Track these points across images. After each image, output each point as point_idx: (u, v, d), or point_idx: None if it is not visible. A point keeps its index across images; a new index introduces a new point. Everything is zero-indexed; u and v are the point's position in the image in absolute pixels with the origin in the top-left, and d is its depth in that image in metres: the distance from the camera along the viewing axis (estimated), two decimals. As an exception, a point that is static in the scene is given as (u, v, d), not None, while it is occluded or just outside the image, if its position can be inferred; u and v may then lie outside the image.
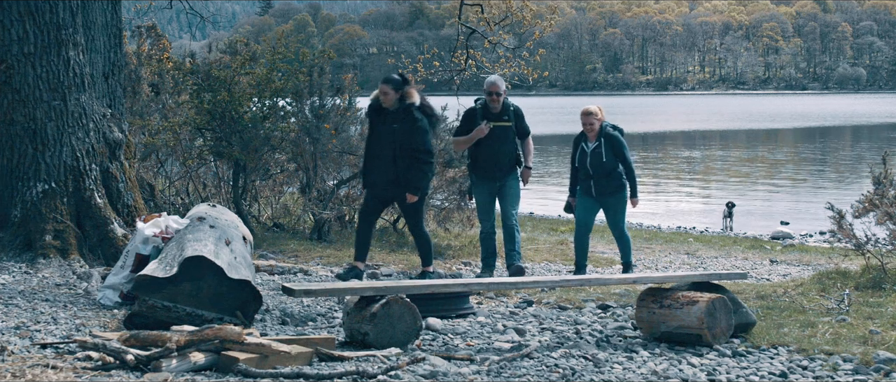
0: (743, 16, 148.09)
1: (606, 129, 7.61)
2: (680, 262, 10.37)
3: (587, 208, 7.78)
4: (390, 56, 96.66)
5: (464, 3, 12.60)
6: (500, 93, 7.75)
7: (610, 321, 5.97)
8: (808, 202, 19.50)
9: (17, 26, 6.69)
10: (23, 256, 6.55)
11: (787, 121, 57.04)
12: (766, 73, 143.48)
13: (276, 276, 7.21)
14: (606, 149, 7.53)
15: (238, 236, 6.00)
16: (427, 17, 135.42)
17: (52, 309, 5.37)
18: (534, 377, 4.42)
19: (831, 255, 10.78)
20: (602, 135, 7.58)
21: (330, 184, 10.10)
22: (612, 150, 7.54)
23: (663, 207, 19.85)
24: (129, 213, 7.11)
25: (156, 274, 4.96)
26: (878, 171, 7.57)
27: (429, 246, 7.26)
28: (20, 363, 4.03)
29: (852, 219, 7.50)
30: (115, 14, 7.40)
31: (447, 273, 8.26)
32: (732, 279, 6.39)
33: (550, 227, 13.32)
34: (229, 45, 10.48)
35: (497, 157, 7.71)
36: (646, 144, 38.13)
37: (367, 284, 5.60)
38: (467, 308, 6.05)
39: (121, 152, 7.23)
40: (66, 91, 6.78)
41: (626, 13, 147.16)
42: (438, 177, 10.33)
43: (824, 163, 30.09)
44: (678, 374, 4.59)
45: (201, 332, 4.20)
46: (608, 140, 7.55)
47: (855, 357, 4.84)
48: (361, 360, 4.48)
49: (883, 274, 7.03)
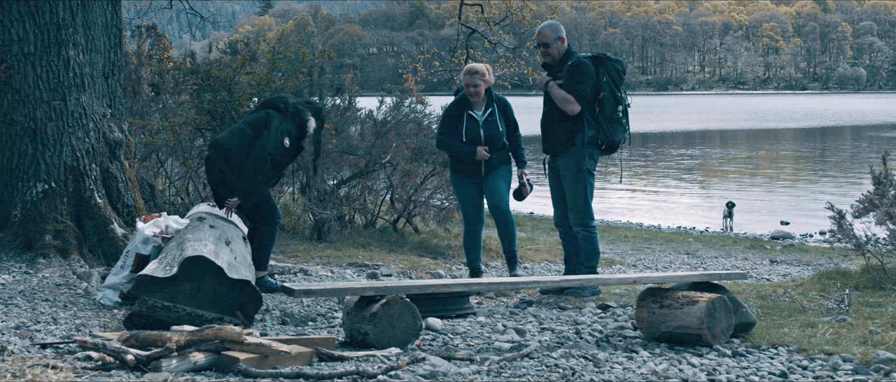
0: (743, 16, 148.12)
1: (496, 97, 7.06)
2: (680, 262, 10.37)
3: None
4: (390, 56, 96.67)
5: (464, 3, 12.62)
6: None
7: (610, 321, 5.97)
8: (808, 202, 19.50)
9: (17, 26, 6.69)
10: (23, 256, 6.54)
11: (787, 121, 57.04)
12: (766, 73, 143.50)
13: (276, 276, 7.21)
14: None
15: (238, 236, 6.01)
16: (427, 17, 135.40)
17: (52, 309, 5.37)
18: (534, 377, 4.42)
19: (831, 255, 10.78)
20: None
21: (330, 184, 10.10)
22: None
23: (663, 207, 19.85)
24: (129, 213, 7.11)
25: (156, 274, 4.96)
26: (878, 171, 7.57)
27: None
28: (20, 363, 4.03)
29: (852, 219, 7.50)
30: (115, 14, 7.39)
31: (447, 273, 8.27)
32: (732, 279, 6.39)
33: (550, 227, 13.32)
34: (229, 45, 10.48)
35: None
36: (646, 144, 38.12)
37: (367, 284, 5.60)
38: (467, 308, 6.05)
39: (121, 152, 7.23)
40: (66, 91, 6.78)
41: (626, 13, 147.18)
42: (438, 177, 10.35)
43: (824, 163, 30.09)
44: (678, 374, 4.59)
45: (201, 332, 4.20)
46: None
47: (855, 357, 4.84)
48: (361, 360, 4.48)
49: (883, 274, 7.03)
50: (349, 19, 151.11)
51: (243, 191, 6.20)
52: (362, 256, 8.64)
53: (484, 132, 6.94)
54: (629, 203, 20.45)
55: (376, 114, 10.37)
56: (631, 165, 28.70)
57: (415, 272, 8.09)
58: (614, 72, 6.83)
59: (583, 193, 6.81)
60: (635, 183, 24.61)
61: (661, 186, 24.23)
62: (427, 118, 10.52)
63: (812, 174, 26.56)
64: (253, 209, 6.39)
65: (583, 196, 6.82)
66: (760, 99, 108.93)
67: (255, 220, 6.46)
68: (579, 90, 6.68)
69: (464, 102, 7.02)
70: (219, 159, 6.22)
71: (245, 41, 10.64)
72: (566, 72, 6.75)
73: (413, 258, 8.88)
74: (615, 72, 6.83)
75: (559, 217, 7.07)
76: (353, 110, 10.18)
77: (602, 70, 6.78)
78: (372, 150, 9.96)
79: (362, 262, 8.26)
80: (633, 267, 9.86)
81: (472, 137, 6.96)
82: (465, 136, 6.97)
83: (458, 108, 7.05)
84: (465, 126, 6.98)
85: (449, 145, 7.12)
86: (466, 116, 6.98)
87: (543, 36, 6.88)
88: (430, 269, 8.29)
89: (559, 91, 6.73)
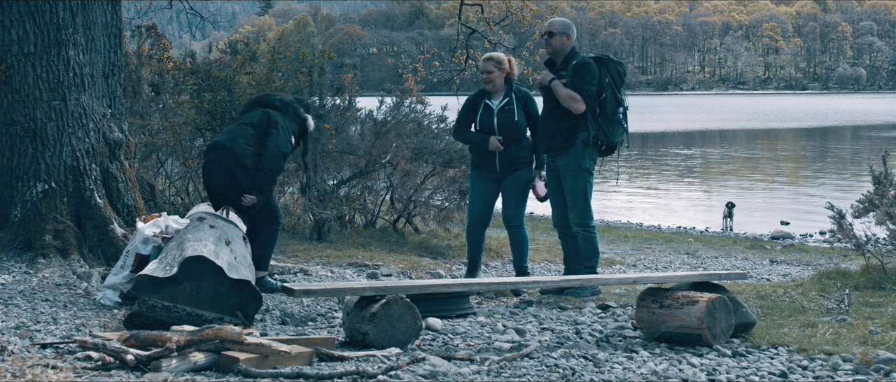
0: (743, 16, 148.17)
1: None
2: (680, 262, 10.37)
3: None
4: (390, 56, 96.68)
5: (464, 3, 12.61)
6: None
7: (610, 321, 5.97)
8: (808, 202, 19.50)
9: (17, 26, 6.69)
10: (23, 256, 6.54)
11: (787, 121, 57.04)
12: (766, 73, 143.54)
13: (275, 276, 7.21)
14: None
15: (238, 236, 6.01)
16: (427, 17, 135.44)
17: (52, 309, 5.37)
18: (534, 377, 4.42)
19: (831, 255, 10.78)
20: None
21: (330, 184, 10.10)
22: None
23: (663, 207, 19.85)
24: (129, 213, 7.11)
25: (156, 274, 4.96)
26: (878, 171, 7.57)
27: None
28: (20, 363, 4.03)
29: (852, 219, 7.49)
30: (115, 14, 7.39)
31: (447, 273, 8.26)
32: (732, 279, 6.38)
33: (550, 227, 13.32)
34: (229, 45, 10.47)
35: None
36: (646, 144, 38.11)
37: (367, 284, 5.60)
38: (467, 308, 6.05)
39: (121, 152, 7.23)
40: (66, 91, 6.78)
41: (626, 13, 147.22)
42: (438, 177, 10.35)
43: (824, 163, 30.09)
44: (678, 374, 4.59)
45: (201, 332, 4.20)
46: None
47: (855, 357, 4.83)
48: (361, 360, 4.48)
49: (883, 274, 7.03)
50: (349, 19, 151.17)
51: (260, 190, 6.25)
52: (362, 256, 8.64)
53: (498, 121, 6.87)
54: (629, 203, 20.45)
55: (376, 114, 10.37)
56: (631, 165, 28.71)
57: (415, 272, 8.09)
58: (616, 74, 6.83)
59: (582, 193, 6.81)
60: (635, 183, 24.62)
61: (661, 186, 24.23)
62: (427, 118, 10.52)
63: (812, 174, 26.56)
64: (255, 210, 6.39)
65: (582, 196, 6.82)
66: (760, 99, 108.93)
67: (257, 221, 6.46)
68: (586, 89, 6.66)
69: (483, 92, 7.02)
70: (226, 161, 6.22)
71: (245, 41, 10.63)
72: (570, 72, 6.73)
73: (413, 258, 8.88)
74: (617, 74, 6.83)
75: (558, 217, 7.06)
76: (353, 110, 10.18)
77: (604, 71, 6.78)
78: (372, 150, 9.96)
79: (362, 262, 8.26)
80: (633, 267, 9.86)
81: (486, 126, 6.91)
82: (480, 125, 6.94)
83: (476, 98, 7.04)
84: (480, 114, 6.97)
85: (462, 135, 7.13)
86: (483, 105, 6.96)
87: (551, 26, 6.87)
88: (430, 269, 8.29)
89: (564, 89, 6.71)
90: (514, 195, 6.98)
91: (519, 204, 7.00)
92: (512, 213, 7.01)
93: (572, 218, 6.87)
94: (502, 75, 6.96)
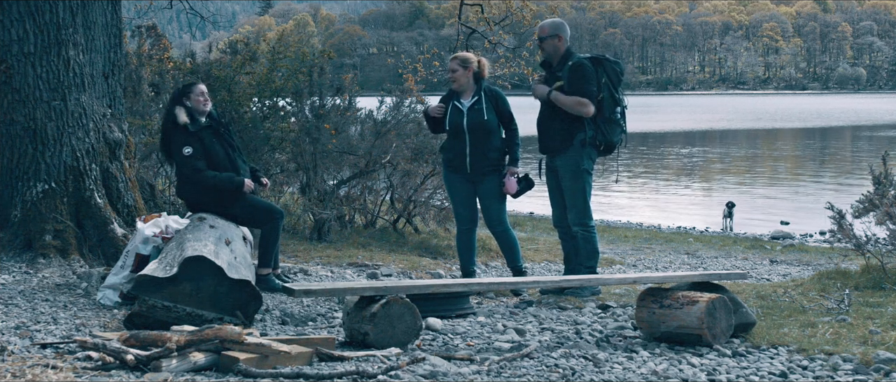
0: (743, 16, 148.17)
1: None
2: (680, 262, 10.38)
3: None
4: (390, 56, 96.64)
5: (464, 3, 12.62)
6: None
7: (610, 321, 5.97)
8: (809, 202, 19.50)
9: (17, 26, 6.69)
10: (23, 256, 6.55)
11: (787, 121, 57.04)
12: (766, 73, 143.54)
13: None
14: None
15: (238, 236, 6.01)
16: (427, 17, 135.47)
17: (52, 309, 5.37)
18: (534, 377, 4.42)
19: (831, 255, 10.78)
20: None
21: (330, 184, 10.10)
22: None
23: (663, 207, 19.85)
24: (129, 213, 7.11)
25: (156, 274, 4.96)
26: (878, 171, 7.57)
27: None
28: (20, 363, 4.03)
29: (852, 219, 7.49)
30: (115, 14, 7.39)
31: (447, 273, 8.26)
32: (732, 279, 6.38)
33: (550, 227, 13.32)
34: (229, 45, 10.47)
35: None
36: (646, 144, 38.11)
37: (367, 284, 5.60)
38: (467, 308, 6.05)
39: (121, 152, 7.23)
40: (66, 91, 6.78)
41: (626, 13, 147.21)
42: (438, 177, 10.35)
43: (824, 163, 30.09)
44: (678, 374, 4.59)
45: (201, 332, 4.20)
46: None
47: (855, 357, 4.83)
48: (361, 360, 4.48)
49: (883, 274, 7.03)
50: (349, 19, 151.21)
51: (229, 188, 6.38)
52: (362, 256, 8.64)
53: (468, 120, 6.82)
54: (629, 203, 20.46)
55: (376, 114, 10.37)
56: (631, 165, 28.70)
57: (415, 272, 8.09)
58: (613, 74, 6.82)
59: (581, 193, 6.81)
60: (635, 183, 24.62)
61: (661, 186, 24.23)
62: (427, 118, 10.50)
63: (812, 174, 26.56)
64: (248, 218, 6.42)
65: (581, 196, 6.82)
66: (760, 99, 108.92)
67: (256, 226, 6.51)
68: (589, 91, 6.65)
69: (452, 93, 7.00)
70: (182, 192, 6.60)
71: (245, 41, 10.63)
72: (566, 73, 6.72)
73: (413, 258, 8.89)
74: (614, 74, 6.83)
75: (558, 217, 7.06)
76: (353, 110, 10.17)
77: (601, 71, 6.77)
78: (372, 150, 9.96)
79: (362, 262, 8.26)
80: (633, 267, 9.86)
81: (455, 125, 6.87)
82: (449, 124, 6.90)
83: (445, 99, 7.00)
84: (449, 114, 6.92)
85: (429, 123, 7.11)
86: (451, 105, 6.93)
87: (541, 30, 6.88)
88: (430, 269, 8.29)
89: (567, 98, 6.70)
90: (494, 200, 6.91)
91: (499, 208, 6.93)
92: (495, 218, 6.94)
93: (571, 217, 6.87)
94: (468, 74, 6.90)
